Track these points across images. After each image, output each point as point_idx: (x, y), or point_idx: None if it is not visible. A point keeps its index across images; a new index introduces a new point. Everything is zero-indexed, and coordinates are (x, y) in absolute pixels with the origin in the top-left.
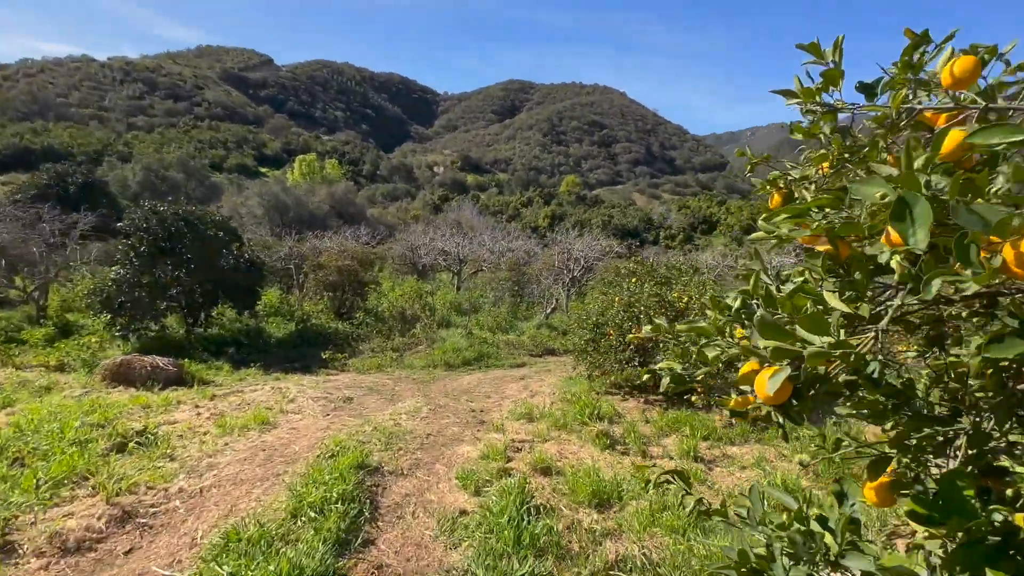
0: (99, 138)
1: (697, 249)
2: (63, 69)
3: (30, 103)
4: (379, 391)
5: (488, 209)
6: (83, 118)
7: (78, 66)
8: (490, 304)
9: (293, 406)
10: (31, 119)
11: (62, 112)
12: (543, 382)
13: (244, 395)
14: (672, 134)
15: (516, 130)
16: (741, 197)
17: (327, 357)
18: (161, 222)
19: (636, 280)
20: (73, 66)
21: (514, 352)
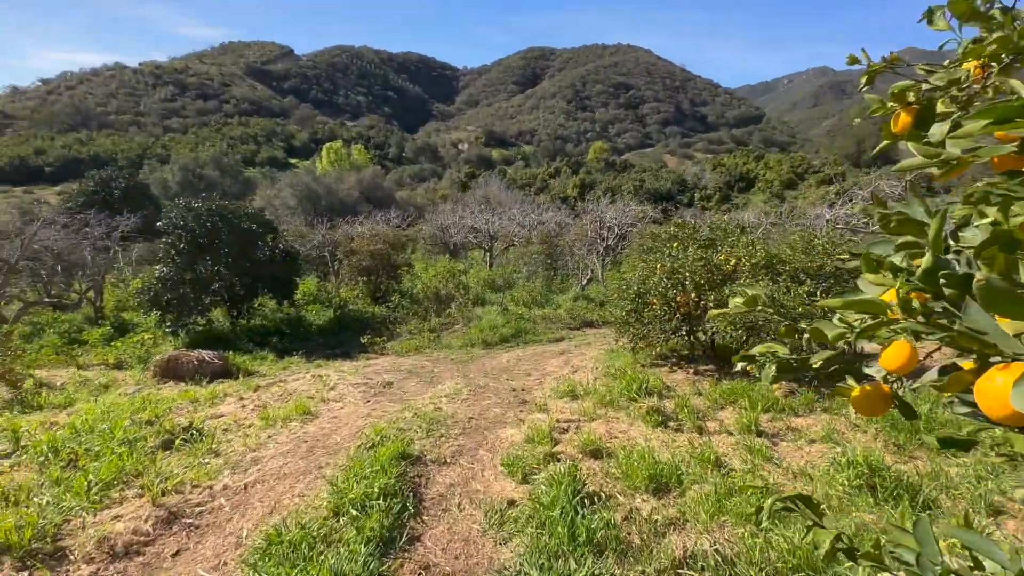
0: (139, 143)
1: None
2: (99, 79)
3: (74, 114)
4: (418, 374)
5: (515, 183)
6: (122, 124)
7: (112, 74)
8: (524, 279)
9: (334, 394)
10: (76, 129)
11: (103, 120)
12: (584, 356)
13: (286, 385)
14: (702, 89)
15: (539, 99)
16: (780, 150)
17: (366, 342)
18: (197, 219)
19: (678, 244)
20: (108, 75)
21: (551, 326)
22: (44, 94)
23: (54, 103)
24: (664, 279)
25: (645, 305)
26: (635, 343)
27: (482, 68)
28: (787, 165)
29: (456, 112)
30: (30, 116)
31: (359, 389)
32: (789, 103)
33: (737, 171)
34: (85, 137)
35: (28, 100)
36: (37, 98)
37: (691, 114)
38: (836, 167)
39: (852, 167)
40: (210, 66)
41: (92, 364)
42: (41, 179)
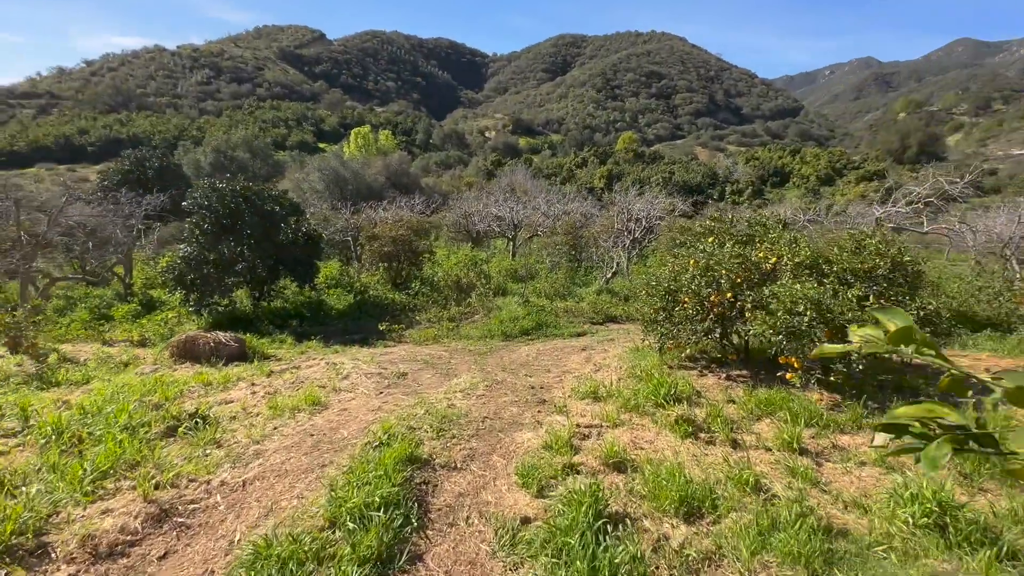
0: (175, 124)
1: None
2: (139, 61)
3: (115, 95)
4: (434, 365)
5: (541, 172)
6: (160, 106)
7: (152, 56)
8: (546, 270)
9: (346, 383)
10: (117, 110)
11: (142, 102)
12: (607, 354)
13: (300, 371)
14: (738, 80)
15: (568, 88)
16: (818, 144)
17: (384, 329)
18: (221, 199)
19: (714, 239)
20: (148, 57)
21: (573, 320)
22: (88, 75)
23: (97, 84)
24: (697, 276)
25: (676, 303)
26: (663, 343)
27: (511, 55)
28: (825, 160)
29: (484, 99)
30: (74, 97)
31: (372, 379)
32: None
33: (771, 165)
34: (125, 118)
35: (73, 81)
36: (81, 79)
37: (725, 105)
38: (878, 163)
39: (895, 163)
40: (244, 50)
41: (117, 340)
42: (84, 158)
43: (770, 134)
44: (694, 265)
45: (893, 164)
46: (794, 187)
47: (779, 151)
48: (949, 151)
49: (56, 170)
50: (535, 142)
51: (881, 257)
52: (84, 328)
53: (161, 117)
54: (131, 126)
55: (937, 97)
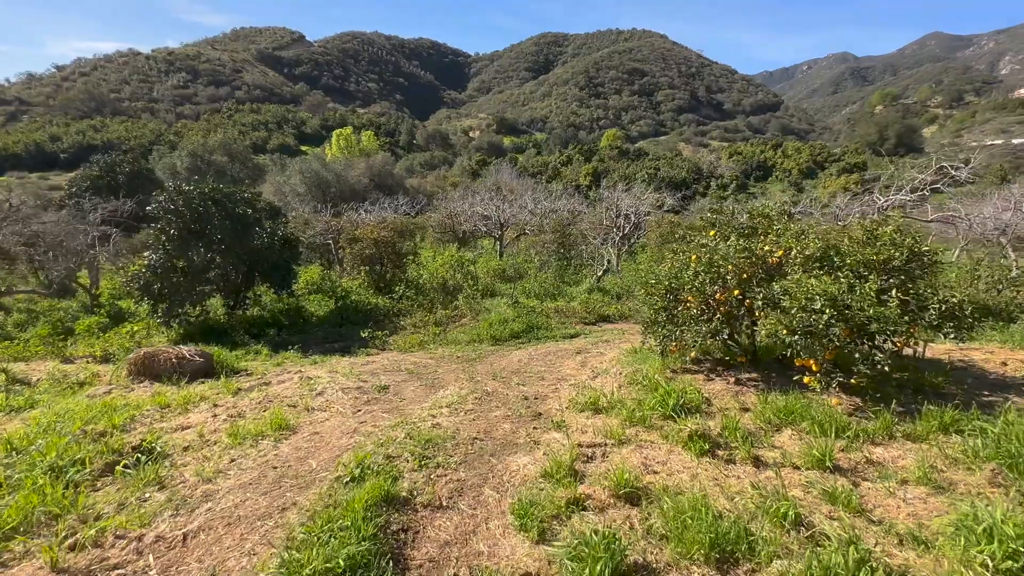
0: (151, 129)
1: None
2: (113, 65)
3: (87, 101)
4: (419, 375)
5: (527, 171)
6: (136, 111)
7: (126, 60)
8: (535, 269)
9: (321, 400)
10: (91, 116)
11: (117, 107)
12: (604, 357)
13: (270, 388)
14: (719, 76)
15: (551, 86)
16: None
17: (366, 336)
18: (188, 203)
19: (715, 232)
20: (122, 61)
21: (565, 321)
22: (59, 81)
23: (68, 90)
24: (701, 273)
25: (678, 303)
26: (665, 346)
27: (494, 54)
28: (806, 153)
29: (467, 99)
30: (45, 103)
31: (350, 395)
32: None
33: (754, 159)
34: (99, 124)
35: (43, 87)
36: (53, 85)
37: (707, 101)
38: (858, 156)
39: (874, 155)
40: (221, 52)
41: (78, 357)
42: (57, 165)
43: (752, 129)
44: (696, 261)
45: (872, 156)
46: (777, 180)
47: (761, 145)
48: (926, 142)
49: (28, 178)
50: (520, 141)
51: (896, 247)
52: (43, 344)
53: (136, 122)
54: (105, 132)
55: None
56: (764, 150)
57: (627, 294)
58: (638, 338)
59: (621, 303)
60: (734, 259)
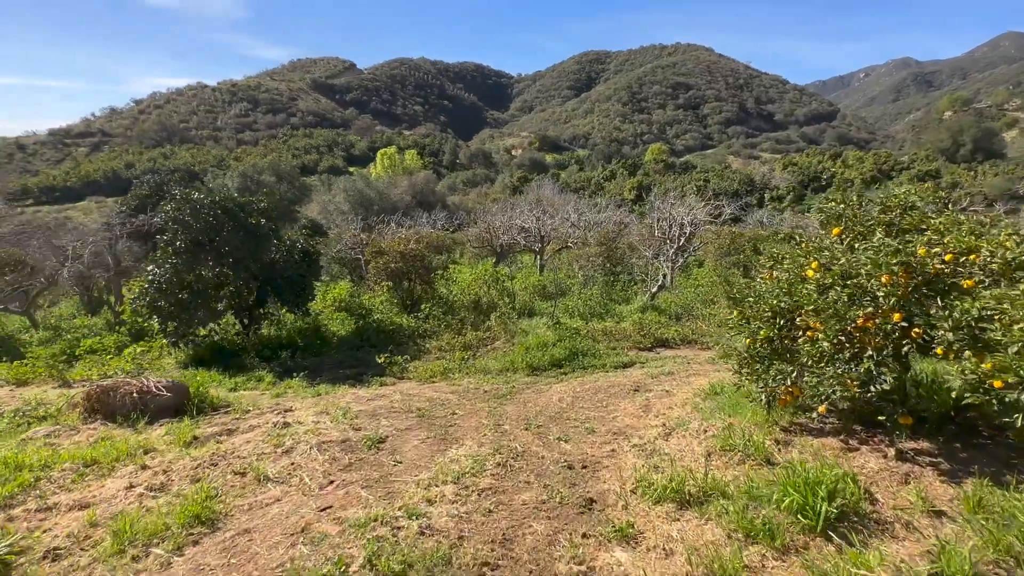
0: (214, 155)
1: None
2: (183, 98)
3: (160, 131)
4: (432, 417)
5: (569, 186)
6: (201, 139)
7: (195, 93)
8: (579, 285)
9: (285, 463)
10: (162, 144)
11: (185, 135)
12: (672, 398)
13: (230, 440)
14: (769, 86)
15: (594, 103)
16: (857, 147)
17: (383, 362)
18: (195, 213)
19: (842, 231)
20: (191, 94)
21: (616, 345)
22: (136, 113)
23: (144, 121)
24: (836, 288)
25: (793, 330)
26: (773, 393)
27: (536, 74)
28: (870, 162)
29: (510, 119)
30: (123, 133)
31: (328, 454)
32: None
33: (811, 170)
34: (168, 152)
35: (123, 119)
36: (131, 117)
37: (756, 113)
38: (929, 163)
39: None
40: (279, 82)
41: (76, 381)
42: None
43: (806, 139)
44: (820, 270)
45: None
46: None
47: (818, 156)
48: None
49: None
50: (562, 158)
51: None
52: (47, 365)
53: (201, 149)
54: (174, 159)
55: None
56: (822, 160)
57: (687, 314)
58: (711, 370)
59: (681, 324)
60: (887, 266)
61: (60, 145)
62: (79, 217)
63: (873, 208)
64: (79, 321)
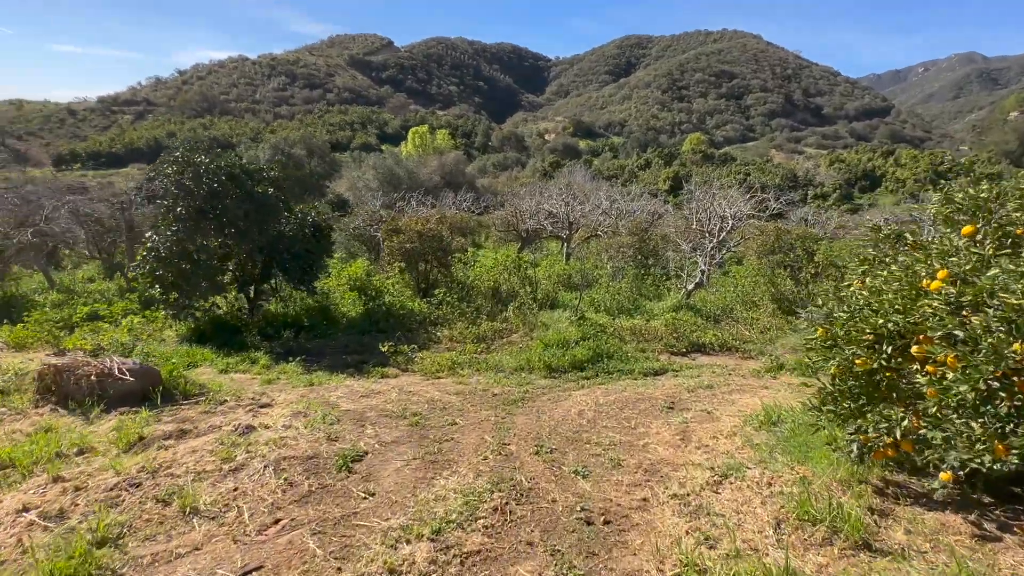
0: (251, 127)
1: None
2: (225, 70)
3: (201, 102)
4: (425, 429)
5: (602, 174)
6: (240, 111)
7: (236, 65)
8: (607, 277)
9: (228, 487)
10: (202, 116)
11: (225, 107)
12: (716, 424)
13: (182, 444)
14: (819, 78)
15: (632, 89)
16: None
17: (387, 351)
18: (197, 178)
19: (974, 229)
20: (232, 66)
21: (644, 346)
22: (180, 84)
23: (187, 92)
24: (986, 310)
25: (907, 362)
26: (867, 444)
27: (574, 58)
28: (925, 162)
29: (545, 103)
30: (167, 103)
31: (285, 476)
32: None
33: (859, 168)
34: (208, 122)
35: (167, 89)
36: (174, 87)
37: (804, 105)
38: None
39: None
40: (317, 58)
41: (70, 349)
42: None
43: (855, 135)
44: (947, 281)
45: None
46: (887, 192)
47: (868, 153)
48: None
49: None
50: (596, 144)
51: None
52: (44, 331)
53: (240, 121)
54: (213, 129)
55: None
56: (872, 158)
57: (726, 316)
58: (757, 386)
59: (720, 328)
60: None
61: (108, 112)
62: (120, 183)
63: (1012, 200)
64: (95, 286)
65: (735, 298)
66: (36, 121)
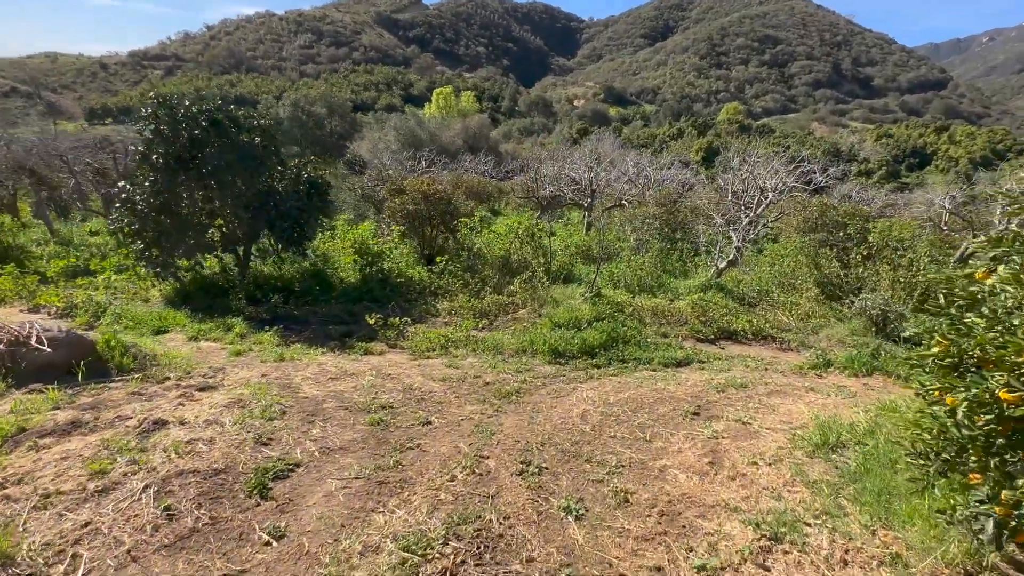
0: (277, 85)
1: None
2: (252, 26)
3: (228, 58)
4: (388, 430)
5: (631, 143)
6: (266, 68)
7: (263, 21)
8: (629, 251)
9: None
10: (229, 72)
11: (251, 64)
12: (756, 442)
13: (50, 451)
14: (871, 46)
15: (668, 54)
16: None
17: (374, 323)
18: (174, 124)
19: None
20: (259, 22)
21: (667, 331)
22: (208, 39)
23: (214, 48)
24: None
25: None
26: (1007, 517)
27: (609, 20)
28: (982, 140)
29: (576, 66)
30: (195, 59)
31: (165, 503)
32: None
33: (909, 144)
34: (235, 79)
35: (195, 44)
36: (203, 43)
37: (852, 75)
38: None
39: None
40: (344, 14)
41: (42, 306)
42: None
43: (906, 109)
44: None
45: None
46: (938, 171)
47: (919, 128)
48: None
49: None
50: (626, 112)
51: None
52: (17, 286)
53: (266, 78)
54: (240, 87)
55: None
56: (923, 134)
57: (761, 299)
58: (801, 386)
59: (754, 313)
60: None
61: (138, 67)
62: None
63: None
64: (98, 239)
65: (770, 279)
66: (70, 74)
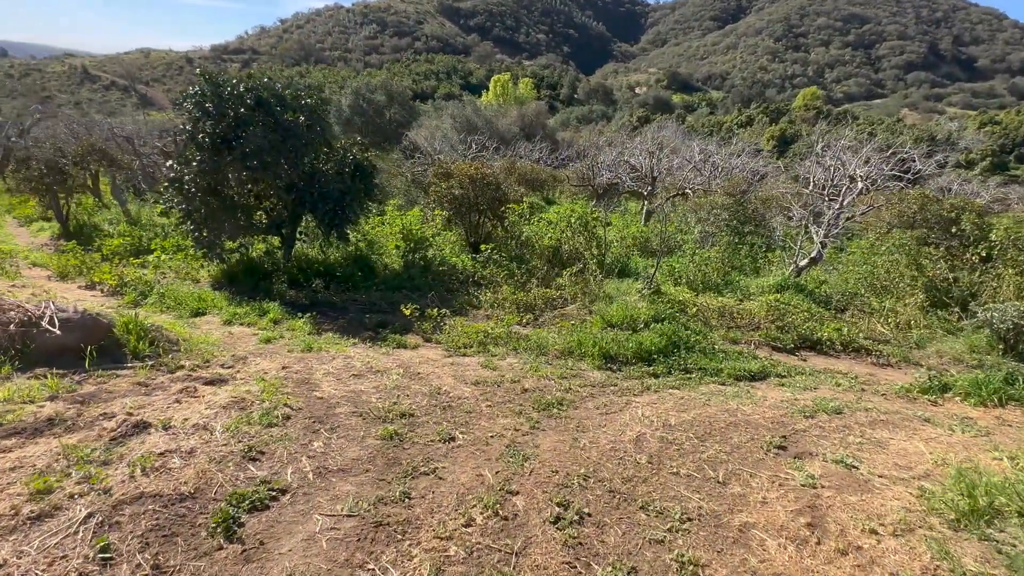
0: (343, 76)
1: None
2: (321, 19)
3: (299, 51)
4: (401, 448)
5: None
6: (333, 60)
7: (331, 14)
8: (693, 244)
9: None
10: (299, 64)
11: (320, 56)
12: (868, 499)
13: (15, 455)
14: (977, 22)
15: (739, 37)
16: None
17: (409, 314)
18: (219, 102)
19: None
20: (328, 15)
21: (737, 336)
22: (281, 32)
23: (286, 40)
24: None
25: None
26: None
27: (676, 2)
28: None
29: (639, 52)
30: (269, 52)
31: (107, 540)
32: None
33: (1020, 132)
34: (304, 71)
35: (269, 38)
36: (276, 36)
37: (952, 56)
38: None
39: None
40: (408, 4)
41: (98, 284)
42: None
43: (1016, 93)
44: None
45: None
46: None
47: None
48: None
49: None
50: (691, 99)
51: None
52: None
53: (333, 69)
54: (308, 78)
55: None
56: None
57: (849, 303)
58: (912, 415)
59: (842, 320)
60: None
61: (219, 60)
62: None
63: None
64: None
65: (860, 281)
66: (160, 68)
